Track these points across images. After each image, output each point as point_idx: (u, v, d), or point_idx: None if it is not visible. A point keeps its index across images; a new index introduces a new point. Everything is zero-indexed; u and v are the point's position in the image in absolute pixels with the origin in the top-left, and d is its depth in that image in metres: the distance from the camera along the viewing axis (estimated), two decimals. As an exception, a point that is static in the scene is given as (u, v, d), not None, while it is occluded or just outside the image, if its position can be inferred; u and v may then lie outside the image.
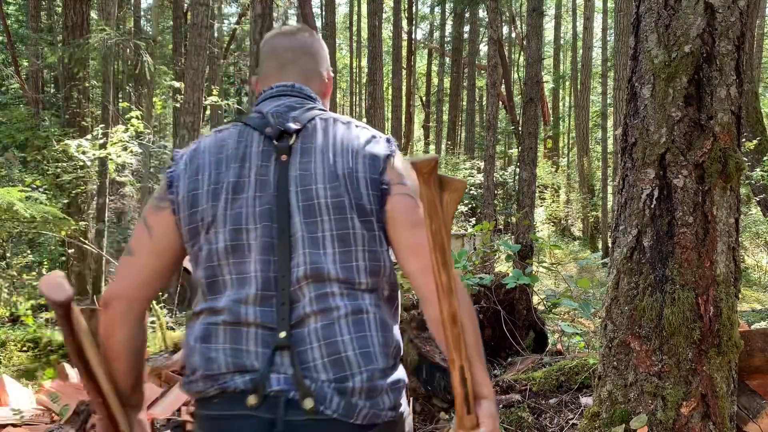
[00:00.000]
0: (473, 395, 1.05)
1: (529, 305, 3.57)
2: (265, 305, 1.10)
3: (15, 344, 5.46)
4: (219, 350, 1.10)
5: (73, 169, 8.41)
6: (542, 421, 2.37)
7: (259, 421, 1.05)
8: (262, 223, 1.12)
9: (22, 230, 6.80)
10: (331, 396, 1.05)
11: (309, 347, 1.08)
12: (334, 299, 1.10)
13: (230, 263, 1.13)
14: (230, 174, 1.15)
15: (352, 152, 1.16)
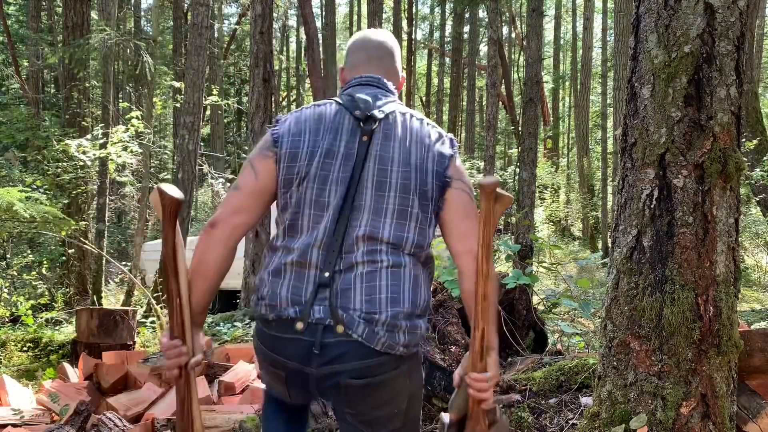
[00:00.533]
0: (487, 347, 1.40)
1: (529, 305, 3.57)
2: (326, 252, 1.39)
3: (15, 344, 5.46)
4: (284, 286, 1.40)
5: (74, 169, 8.41)
6: (542, 421, 2.37)
7: (303, 343, 1.36)
8: (341, 187, 1.40)
9: (22, 230, 6.80)
10: (358, 323, 1.35)
11: (353, 288, 1.37)
12: (381, 255, 1.39)
13: (311, 213, 1.42)
14: (325, 142, 1.43)
15: (425, 146, 1.44)
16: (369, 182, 1.41)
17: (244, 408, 3.21)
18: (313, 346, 1.35)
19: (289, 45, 27.66)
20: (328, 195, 1.41)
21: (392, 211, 1.40)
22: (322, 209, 1.41)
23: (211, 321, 6.55)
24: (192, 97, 7.67)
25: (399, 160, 1.42)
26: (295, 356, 1.38)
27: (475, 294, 1.40)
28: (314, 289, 1.38)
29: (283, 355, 1.40)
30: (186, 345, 1.42)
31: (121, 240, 15.47)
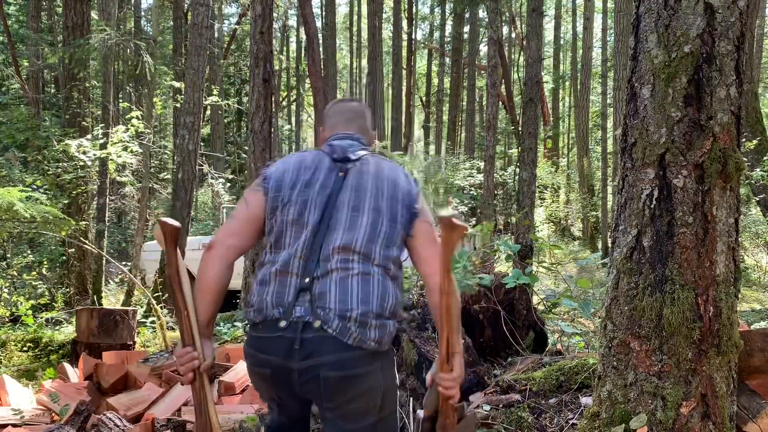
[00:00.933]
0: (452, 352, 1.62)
1: (529, 305, 3.57)
2: (305, 261, 1.61)
3: (15, 344, 5.46)
4: (269, 293, 1.61)
5: (74, 169, 8.41)
6: (542, 421, 2.37)
7: (285, 340, 1.54)
8: (318, 209, 1.66)
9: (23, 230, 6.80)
10: (332, 320, 1.53)
11: (328, 290, 1.57)
12: (353, 263, 1.61)
13: (292, 230, 1.66)
14: (305, 175, 1.72)
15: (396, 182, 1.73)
16: (345, 205, 1.67)
17: (244, 408, 3.21)
18: (294, 342, 1.53)
19: (289, 45, 27.66)
20: (307, 216, 1.66)
21: (365, 228, 1.65)
22: (302, 227, 1.65)
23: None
24: (192, 97, 7.67)
25: (372, 189, 1.70)
26: (278, 352, 1.56)
27: (439, 307, 1.62)
28: (296, 292, 1.59)
29: (268, 352, 1.58)
30: (197, 351, 1.64)
31: (121, 240, 15.47)
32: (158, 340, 5.51)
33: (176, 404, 3.41)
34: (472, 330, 3.32)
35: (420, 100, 27.13)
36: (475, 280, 3.35)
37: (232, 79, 23.43)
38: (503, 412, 2.41)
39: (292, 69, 26.73)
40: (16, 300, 7.03)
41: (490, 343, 3.43)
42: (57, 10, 13.67)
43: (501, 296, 3.43)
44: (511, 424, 2.33)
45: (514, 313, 3.51)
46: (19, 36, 15.31)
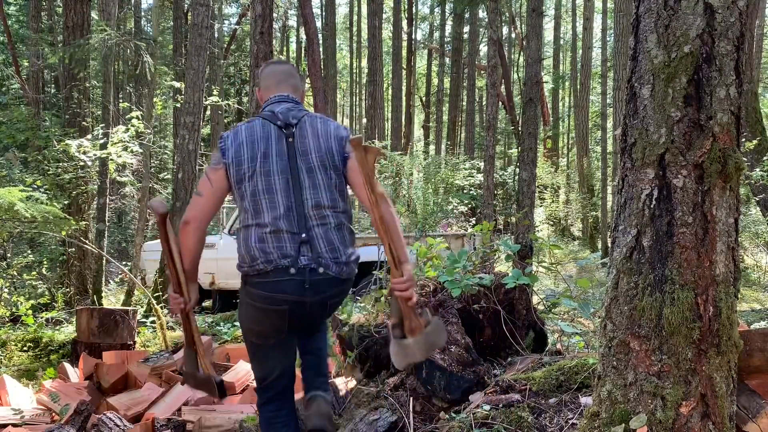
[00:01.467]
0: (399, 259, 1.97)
1: (529, 305, 3.57)
2: (290, 220, 2.01)
3: (15, 344, 5.46)
4: (271, 248, 2.00)
5: (74, 169, 8.41)
6: (542, 420, 2.37)
7: (298, 281, 1.98)
8: (282, 176, 2.04)
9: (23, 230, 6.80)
10: (331, 266, 2.03)
11: (317, 242, 2.02)
12: (328, 217, 2.05)
13: (266, 198, 2.03)
14: (261, 147, 2.06)
15: (329, 135, 2.12)
16: (302, 169, 2.06)
17: (244, 408, 3.21)
18: (304, 283, 1.99)
19: (289, 45, 27.65)
20: (275, 183, 2.04)
21: (322, 184, 2.07)
22: (273, 194, 2.03)
23: (211, 321, 6.55)
24: (192, 97, 7.67)
25: (315, 148, 2.09)
26: (294, 291, 2.00)
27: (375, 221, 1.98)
28: (296, 246, 2.00)
29: (285, 291, 2.00)
30: (183, 296, 2.15)
31: (122, 240, 15.47)
32: (158, 340, 5.51)
33: (176, 404, 3.41)
34: (472, 330, 3.32)
35: (420, 100, 27.12)
36: (475, 280, 3.35)
37: (232, 79, 23.42)
38: (503, 412, 2.41)
39: (292, 69, 26.66)
40: (16, 300, 7.03)
41: (490, 342, 3.43)
42: (57, 10, 13.67)
43: (501, 296, 3.43)
44: (510, 424, 2.33)
45: (514, 312, 3.51)
46: (19, 36, 15.31)
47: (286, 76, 2.24)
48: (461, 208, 14.98)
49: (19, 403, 3.49)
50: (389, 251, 1.97)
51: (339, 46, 28.39)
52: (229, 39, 22.01)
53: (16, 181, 8.81)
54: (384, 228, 1.95)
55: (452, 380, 2.81)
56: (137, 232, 9.38)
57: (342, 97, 31.20)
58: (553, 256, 13.19)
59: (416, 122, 27.46)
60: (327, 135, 2.12)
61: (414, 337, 1.98)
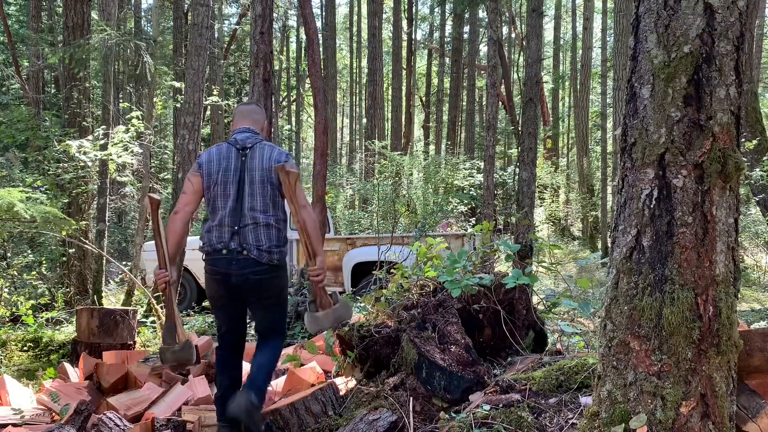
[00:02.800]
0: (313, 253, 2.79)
1: (529, 305, 3.57)
2: (231, 217, 2.79)
3: (15, 344, 5.46)
4: (214, 236, 2.80)
5: (74, 169, 8.41)
6: (542, 420, 2.37)
7: (226, 259, 2.76)
8: (233, 186, 2.81)
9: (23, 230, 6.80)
10: (252, 250, 2.76)
11: (247, 235, 2.77)
12: (258, 218, 2.80)
13: (221, 201, 2.82)
14: (224, 163, 2.85)
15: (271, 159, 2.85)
16: (247, 181, 2.82)
17: (244, 408, 3.20)
18: (231, 261, 2.76)
19: (289, 45, 27.65)
20: (228, 190, 2.82)
21: (260, 194, 2.82)
22: (226, 198, 2.82)
23: (211, 321, 6.55)
24: (192, 97, 7.67)
25: (259, 167, 2.83)
26: (224, 266, 2.77)
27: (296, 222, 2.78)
28: (230, 236, 2.78)
29: (219, 266, 2.79)
30: (167, 271, 2.77)
31: (122, 240, 15.47)
32: (158, 339, 5.51)
33: (176, 404, 3.41)
34: (472, 330, 3.32)
35: (420, 100, 27.12)
36: (475, 280, 3.35)
37: (232, 79, 23.42)
38: (503, 412, 2.41)
39: (292, 69, 26.72)
40: (16, 300, 7.03)
41: (490, 342, 3.43)
42: (57, 10, 13.67)
43: (501, 296, 3.43)
44: (510, 424, 2.33)
45: (514, 312, 3.51)
46: (19, 36, 15.31)
47: (249, 113, 3.06)
48: (461, 208, 14.98)
49: (19, 403, 3.49)
50: (305, 246, 2.79)
51: (339, 46, 28.39)
52: (229, 39, 22.00)
53: (16, 181, 8.81)
54: (303, 229, 2.78)
55: (452, 380, 2.81)
56: (137, 232, 9.38)
57: (342, 97, 31.20)
58: (553, 256, 13.20)
59: (416, 122, 27.45)
60: (270, 159, 2.84)
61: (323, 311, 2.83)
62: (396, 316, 3.35)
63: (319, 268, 2.78)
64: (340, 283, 8.20)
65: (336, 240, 8.40)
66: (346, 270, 8.18)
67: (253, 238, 2.77)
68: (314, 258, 2.78)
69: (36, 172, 9.13)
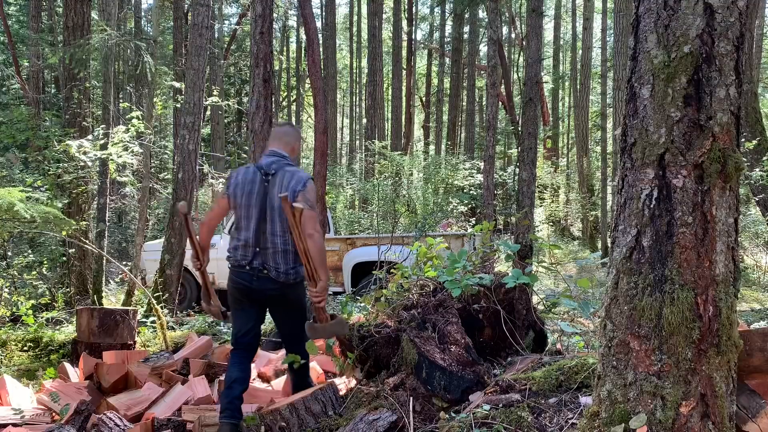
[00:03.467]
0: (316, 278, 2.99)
1: (529, 305, 3.57)
2: (255, 238, 3.12)
3: (16, 344, 5.45)
4: (239, 254, 3.15)
5: (74, 169, 8.41)
6: (542, 420, 2.37)
7: (248, 275, 3.12)
8: (256, 208, 3.13)
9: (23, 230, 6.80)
10: (272, 270, 3.10)
11: (268, 257, 3.11)
12: (276, 242, 3.11)
13: (243, 222, 3.16)
14: (247, 188, 3.15)
15: (288, 187, 3.05)
16: (268, 206, 3.11)
17: (243, 407, 3.21)
18: (254, 276, 3.12)
19: (289, 45, 27.65)
20: (251, 213, 3.14)
21: (278, 219, 3.09)
22: (249, 220, 3.14)
23: (211, 321, 6.55)
24: (192, 97, 7.67)
25: (276, 194, 3.07)
26: (246, 279, 3.14)
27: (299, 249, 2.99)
28: (253, 255, 3.12)
29: (243, 278, 3.15)
30: (201, 260, 3.30)
31: (122, 240, 15.47)
32: (158, 340, 5.51)
33: (176, 404, 3.41)
34: (472, 330, 3.32)
35: (420, 100, 27.11)
36: (475, 280, 3.35)
37: (232, 79, 23.41)
38: (503, 412, 2.41)
39: (292, 69, 26.72)
40: (16, 300, 7.03)
41: (490, 342, 3.43)
42: (57, 10, 13.67)
43: (501, 296, 3.43)
44: (510, 424, 2.33)
45: (514, 312, 3.51)
46: (19, 36, 15.31)
47: (281, 135, 3.31)
48: (461, 208, 14.97)
49: (19, 402, 3.49)
50: (307, 272, 3.01)
51: (339, 46, 28.38)
52: (229, 39, 21.99)
53: (16, 181, 8.80)
54: (307, 256, 2.97)
55: (452, 380, 2.81)
56: (137, 232, 9.37)
57: (342, 97, 31.19)
58: (553, 256, 13.20)
59: (416, 122, 27.44)
60: (287, 187, 3.06)
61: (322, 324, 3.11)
62: (396, 316, 3.35)
63: (319, 292, 2.99)
64: (340, 283, 8.20)
65: (336, 240, 8.39)
66: (346, 270, 8.17)
67: (272, 261, 3.10)
68: (317, 282, 2.98)
69: (36, 172, 9.13)
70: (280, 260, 3.09)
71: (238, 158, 20.36)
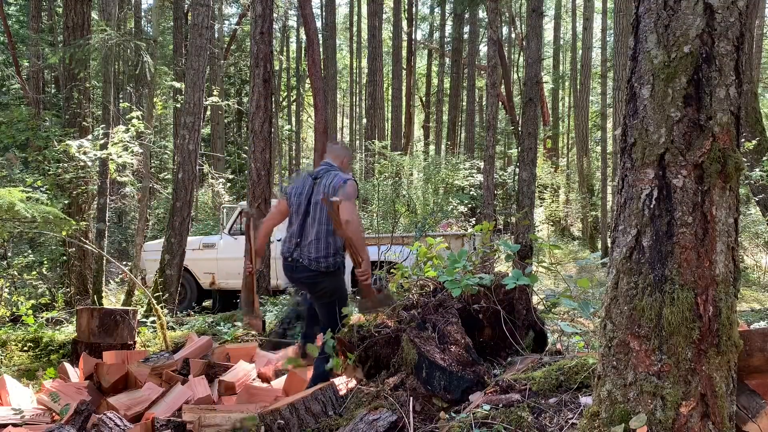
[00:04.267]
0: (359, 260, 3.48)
1: (529, 305, 3.57)
2: (298, 233, 3.69)
3: (16, 344, 5.46)
4: (285, 246, 3.73)
5: (74, 169, 8.41)
6: (542, 420, 2.37)
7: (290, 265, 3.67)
8: (303, 208, 3.70)
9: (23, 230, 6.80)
10: (305, 258, 3.62)
11: (303, 248, 3.65)
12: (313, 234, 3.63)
13: (294, 218, 3.76)
14: (299, 189, 3.78)
15: (327, 187, 3.61)
16: (312, 203, 3.64)
17: (243, 407, 3.21)
18: (293, 266, 3.62)
19: (289, 45, 27.64)
20: (299, 209, 3.68)
21: (318, 214, 3.60)
22: (297, 215, 3.70)
23: (211, 321, 6.55)
24: (192, 97, 7.67)
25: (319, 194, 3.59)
26: (289, 269, 3.67)
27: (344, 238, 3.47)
28: (294, 247, 3.63)
29: (286, 268, 3.69)
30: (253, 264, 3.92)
31: (122, 240, 15.47)
32: (158, 340, 5.51)
33: (176, 404, 3.41)
34: (472, 330, 3.32)
35: (420, 100, 27.12)
36: (474, 280, 3.35)
37: (232, 79, 23.41)
38: (503, 412, 2.41)
39: (292, 69, 26.72)
40: (16, 300, 7.03)
41: (490, 342, 3.43)
42: (57, 10, 13.67)
43: (501, 296, 3.42)
44: (510, 424, 2.33)
45: (514, 312, 3.51)
46: (19, 36, 15.31)
47: (332, 150, 3.95)
48: (461, 208, 14.97)
49: (19, 402, 3.49)
50: (351, 255, 3.49)
51: (339, 46, 28.38)
52: (229, 39, 21.99)
53: (16, 181, 8.80)
54: (349, 242, 3.44)
55: (452, 380, 2.81)
56: (137, 232, 9.38)
57: (342, 97, 31.20)
58: (553, 256, 13.19)
59: (416, 122, 27.45)
60: (327, 186, 3.57)
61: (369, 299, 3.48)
62: (396, 316, 3.35)
63: (363, 270, 3.45)
64: None
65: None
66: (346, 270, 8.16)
67: (307, 250, 3.59)
68: (361, 263, 3.45)
69: (36, 172, 9.13)
70: (313, 249, 3.57)
71: (238, 158, 20.35)
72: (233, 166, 20.22)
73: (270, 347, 4.82)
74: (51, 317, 6.53)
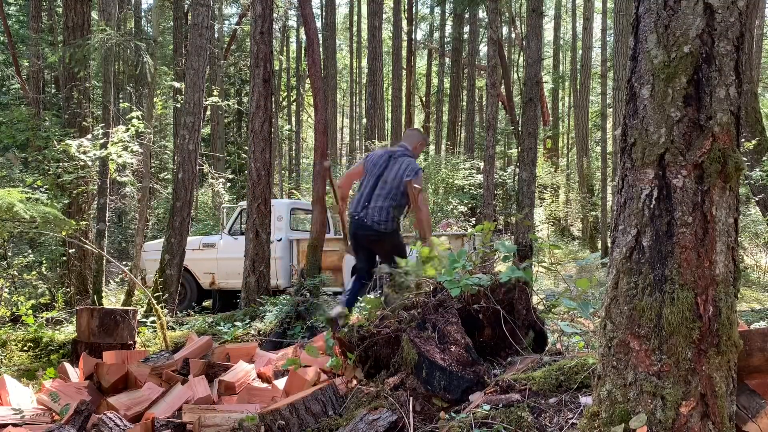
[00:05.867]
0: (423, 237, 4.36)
1: (529, 305, 3.57)
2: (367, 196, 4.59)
3: (16, 344, 5.46)
4: (353, 206, 4.66)
5: (74, 169, 8.41)
6: (542, 420, 2.37)
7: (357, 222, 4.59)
8: (374, 178, 4.62)
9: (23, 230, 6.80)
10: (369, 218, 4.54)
11: (370, 208, 4.55)
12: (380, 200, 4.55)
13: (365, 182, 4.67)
14: (376, 160, 4.67)
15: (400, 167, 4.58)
16: (382, 177, 4.55)
17: (244, 407, 3.21)
18: (360, 224, 4.53)
19: (289, 45, 27.65)
20: (370, 179, 4.59)
21: (386, 186, 4.52)
22: (369, 182, 4.58)
23: (211, 320, 6.55)
24: (192, 97, 7.67)
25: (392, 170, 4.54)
26: (355, 225, 4.56)
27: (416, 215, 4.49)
28: (362, 208, 4.53)
29: (353, 225, 4.58)
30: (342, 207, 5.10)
31: (122, 240, 15.47)
32: (158, 340, 5.51)
33: (176, 404, 3.41)
34: (472, 330, 3.32)
35: (420, 100, 27.12)
36: (474, 280, 3.35)
37: (232, 80, 23.40)
38: (503, 412, 2.41)
39: (292, 69, 26.71)
40: (16, 300, 7.03)
41: (490, 342, 3.43)
42: (57, 10, 13.66)
43: (501, 296, 3.42)
44: (510, 424, 2.33)
45: (514, 312, 3.51)
46: (19, 36, 15.31)
47: (409, 135, 4.86)
48: (461, 208, 14.97)
49: (19, 402, 3.49)
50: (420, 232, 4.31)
51: (339, 46, 28.38)
52: (229, 39, 21.99)
53: (16, 181, 8.80)
54: (419, 222, 4.37)
55: (452, 380, 2.81)
56: (137, 232, 9.37)
57: (342, 97, 31.20)
58: (553, 256, 13.19)
59: (416, 122, 27.44)
60: (400, 170, 4.48)
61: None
62: (396, 316, 3.35)
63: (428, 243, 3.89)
64: (340, 284, 8.19)
65: (336, 240, 8.39)
66: (346, 270, 8.17)
67: (371, 213, 4.46)
68: (424, 240, 4.14)
69: (36, 172, 9.13)
70: (376, 214, 4.45)
71: (238, 158, 20.34)
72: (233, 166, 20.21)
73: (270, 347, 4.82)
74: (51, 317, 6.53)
